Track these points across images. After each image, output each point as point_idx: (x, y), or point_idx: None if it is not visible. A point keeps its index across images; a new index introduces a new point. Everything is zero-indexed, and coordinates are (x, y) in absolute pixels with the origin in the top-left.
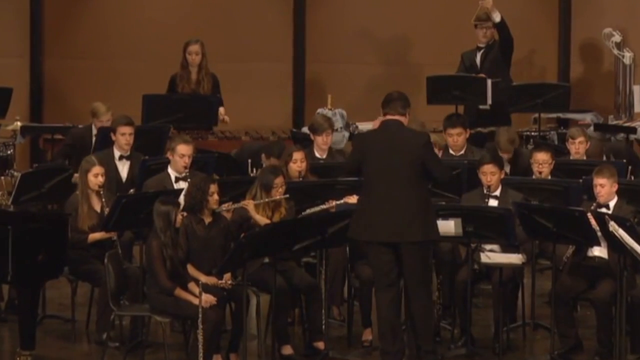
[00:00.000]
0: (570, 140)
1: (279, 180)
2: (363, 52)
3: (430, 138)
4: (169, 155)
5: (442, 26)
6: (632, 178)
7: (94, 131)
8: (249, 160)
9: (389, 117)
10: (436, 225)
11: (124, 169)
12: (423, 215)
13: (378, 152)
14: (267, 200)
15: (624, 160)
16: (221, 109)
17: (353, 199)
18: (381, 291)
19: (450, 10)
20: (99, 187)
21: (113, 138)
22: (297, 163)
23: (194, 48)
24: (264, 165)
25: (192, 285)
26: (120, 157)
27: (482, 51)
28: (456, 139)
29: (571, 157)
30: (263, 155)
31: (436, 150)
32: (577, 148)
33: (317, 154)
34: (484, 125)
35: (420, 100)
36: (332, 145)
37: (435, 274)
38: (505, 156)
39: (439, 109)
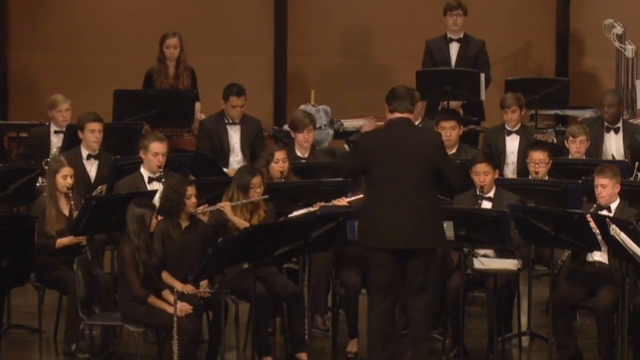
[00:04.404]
0: (571, 138)
1: (256, 180)
2: (349, 45)
3: (442, 137)
4: (141, 154)
5: (434, 19)
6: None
7: (53, 130)
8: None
9: (397, 114)
10: (444, 231)
11: (92, 169)
12: (433, 221)
13: (387, 153)
14: (244, 202)
15: (626, 160)
16: (198, 105)
17: (343, 202)
18: (377, 298)
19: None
20: (68, 189)
21: (81, 136)
22: (280, 163)
23: (172, 42)
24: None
25: (166, 293)
26: (89, 157)
27: (456, 45)
28: (449, 133)
29: (570, 157)
30: None
31: None
32: (579, 147)
33: (298, 153)
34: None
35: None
36: (316, 145)
37: None
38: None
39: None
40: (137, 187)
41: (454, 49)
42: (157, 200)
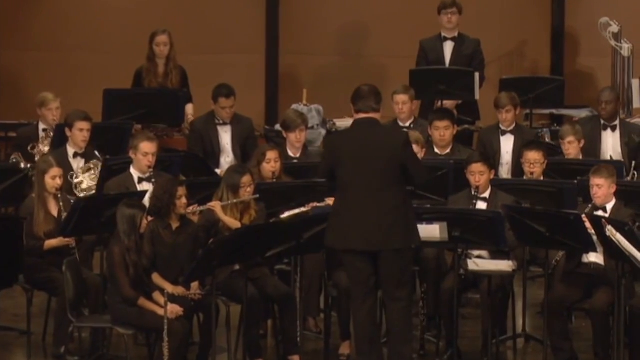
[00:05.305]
0: (560, 140)
1: (245, 179)
2: (341, 44)
3: (408, 136)
4: (131, 154)
5: (428, 17)
6: (635, 175)
7: (41, 128)
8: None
9: (362, 115)
10: (417, 229)
11: (78, 167)
12: (403, 220)
13: (352, 153)
14: (234, 201)
15: (621, 160)
16: (189, 107)
17: None
18: (358, 301)
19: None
20: (57, 189)
21: (68, 134)
22: (271, 163)
23: (162, 39)
24: None
25: (156, 295)
26: (75, 155)
27: (451, 43)
28: (443, 133)
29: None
30: None
31: (419, 149)
32: (567, 148)
33: (290, 153)
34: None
35: None
36: (308, 145)
37: (419, 282)
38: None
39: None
40: (127, 187)
41: (448, 47)
42: (147, 200)
